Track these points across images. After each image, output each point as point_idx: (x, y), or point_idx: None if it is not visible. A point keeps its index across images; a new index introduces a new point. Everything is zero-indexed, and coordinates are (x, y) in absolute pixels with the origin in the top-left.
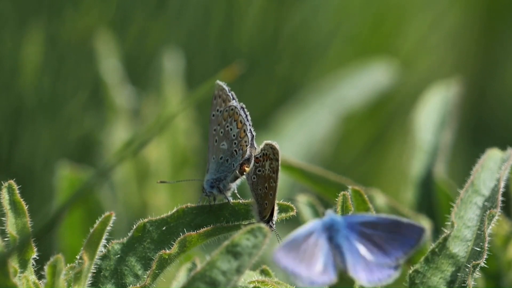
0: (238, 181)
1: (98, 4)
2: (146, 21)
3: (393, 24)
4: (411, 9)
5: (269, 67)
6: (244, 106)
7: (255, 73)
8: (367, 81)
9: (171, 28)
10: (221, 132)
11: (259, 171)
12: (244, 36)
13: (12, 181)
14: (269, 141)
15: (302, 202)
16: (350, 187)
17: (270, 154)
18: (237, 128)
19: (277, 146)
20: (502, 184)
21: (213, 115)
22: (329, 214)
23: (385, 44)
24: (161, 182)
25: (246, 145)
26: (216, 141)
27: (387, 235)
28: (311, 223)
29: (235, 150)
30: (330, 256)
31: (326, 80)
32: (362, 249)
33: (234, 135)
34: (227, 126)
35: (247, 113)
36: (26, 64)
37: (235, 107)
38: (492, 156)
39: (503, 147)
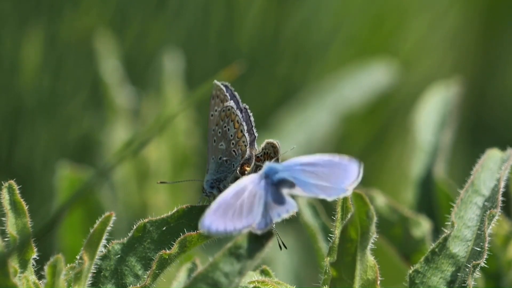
0: None
1: (97, 4)
2: (146, 21)
3: (393, 25)
4: (411, 10)
5: (269, 67)
6: (247, 107)
7: (255, 73)
8: (367, 81)
9: (171, 28)
10: (219, 132)
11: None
12: (244, 36)
13: (12, 181)
14: (270, 140)
15: (302, 202)
16: None
17: (271, 153)
18: (234, 128)
19: (278, 144)
20: (502, 184)
21: (212, 115)
22: (267, 164)
23: (385, 44)
24: (161, 182)
25: (245, 145)
26: (214, 141)
27: (328, 171)
28: (241, 181)
29: (234, 151)
30: (270, 195)
31: (326, 80)
32: (311, 180)
33: (231, 135)
34: (225, 126)
35: (251, 113)
36: (26, 64)
37: (232, 107)
38: (492, 156)
39: (503, 147)
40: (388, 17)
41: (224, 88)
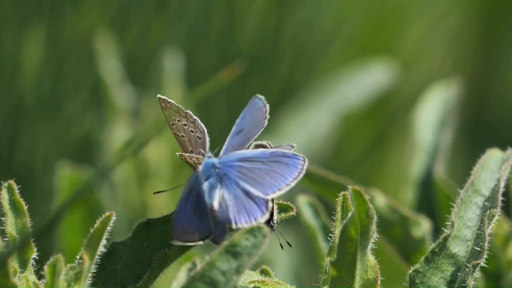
0: None
1: (98, 4)
2: (146, 21)
3: (393, 25)
4: (412, 10)
5: (269, 67)
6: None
7: (255, 73)
8: (367, 81)
9: (171, 28)
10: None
11: None
12: (244, 35)
13: (12, 181)
14: (259, 142)
15: (302, 202)
16: (350, 187)
17: None
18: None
19: (269, 145)
20: (502, 184)
21: (172, 124)
22: (206, 158)
23: (386, 44)
24: (157, 192)
25: None
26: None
27: (268, 168)
28: (188, 184)
29: None
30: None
31: (327, 80)
32: (241, 183)
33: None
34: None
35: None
36: (26, 64)
37: (181, 155)
38: (492, 156)
39: (503, 147)
40: (389, 18)
41: (171, 100)
